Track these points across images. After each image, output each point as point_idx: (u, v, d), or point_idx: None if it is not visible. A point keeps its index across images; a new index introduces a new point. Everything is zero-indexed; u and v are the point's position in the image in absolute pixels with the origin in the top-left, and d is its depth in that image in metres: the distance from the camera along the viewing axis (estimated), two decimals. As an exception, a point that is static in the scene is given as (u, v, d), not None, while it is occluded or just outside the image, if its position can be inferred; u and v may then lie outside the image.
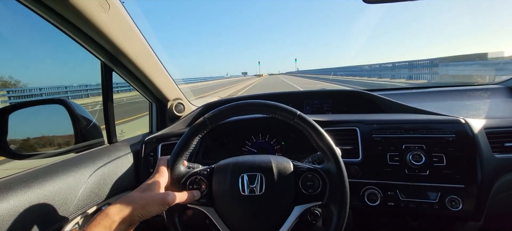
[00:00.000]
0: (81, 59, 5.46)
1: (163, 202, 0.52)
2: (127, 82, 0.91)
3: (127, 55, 0.73)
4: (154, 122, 1.12)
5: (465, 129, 0.80)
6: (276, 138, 1.02)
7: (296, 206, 0.60)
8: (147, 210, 0.50)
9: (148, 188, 0.53)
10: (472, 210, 0.77)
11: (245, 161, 0.64)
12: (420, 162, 0.78)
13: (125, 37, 0.68)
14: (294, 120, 0.60)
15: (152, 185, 0.54)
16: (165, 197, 0.53)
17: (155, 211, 0.51)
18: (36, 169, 0.65)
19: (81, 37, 0.61)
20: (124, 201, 0.49)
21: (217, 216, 0.62)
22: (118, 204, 0.49)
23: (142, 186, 0.54)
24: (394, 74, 14.76)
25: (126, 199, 0.50)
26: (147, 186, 0.53)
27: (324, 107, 1.21)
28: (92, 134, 0.89)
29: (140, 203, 0.50)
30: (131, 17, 0.68)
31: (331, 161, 0.59)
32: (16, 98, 12.22)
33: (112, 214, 0.47)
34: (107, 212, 0.47)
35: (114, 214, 0.47)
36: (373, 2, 0.64)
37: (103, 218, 0.46)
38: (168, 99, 1.09)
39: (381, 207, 0.81)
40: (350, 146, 0.87)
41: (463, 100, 1.22)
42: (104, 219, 0.46)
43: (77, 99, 13.90)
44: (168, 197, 0.53)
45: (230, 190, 0.61)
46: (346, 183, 0.57)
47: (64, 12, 0.51)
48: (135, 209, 0.49)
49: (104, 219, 0.46)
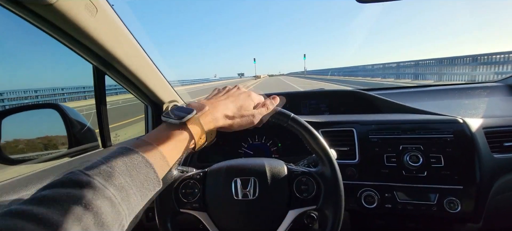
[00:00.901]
0: (76, 60, 5.49)
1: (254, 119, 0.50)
2: (121, 85, 0.90)
3: (119, 58, 0.72)
4: (149, 125, 1.11)
5: (463, 129, 0.79)
6: (272, 139, 1.01)
7: (290, 210, 0.59)
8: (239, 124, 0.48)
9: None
10: (471, 212, 0.76)
11: (238, 164, 0.63)
12: (417, 163, 0.77)
13: (116, 40, 0.67)
14: (288, 123, 0.59)
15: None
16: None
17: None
18: (28, 175, 0.64)
19: (71, 42, 0.60)
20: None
21: (210, 221, 0.61)
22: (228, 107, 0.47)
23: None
24: (399, 74, 14.50)
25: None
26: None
27: (321, 107, 1.20)
28: (86, 137, 0.88)
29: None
30: (121, 19, 0.67)
31: (325, 165, 0.58)
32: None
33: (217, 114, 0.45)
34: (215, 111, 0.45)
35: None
36: (367, 2, 0.63)
37: (210, 112, 0.44)
38: (163, 101, 1.08)
39: (379, 209, 0.80)
40: (346, 147, 0.86)
41: (461, 99, 1.20)
42: (210, 113, 0.44)
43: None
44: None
45: (223, 195, 0.60)
46: (341, 187, 0.56)
47: (50, 17, 0.50)
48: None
49: (210, 113, 0.44)
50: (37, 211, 0.24)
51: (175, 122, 0.40)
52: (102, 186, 0.29)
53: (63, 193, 0.27)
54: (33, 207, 0.25)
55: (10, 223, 0.23)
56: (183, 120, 0.39)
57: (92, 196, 0.27)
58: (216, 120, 0.44)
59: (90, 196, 0.27)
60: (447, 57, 10.84)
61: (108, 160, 0.32)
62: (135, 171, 0.32)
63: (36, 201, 0.26)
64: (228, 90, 0.52)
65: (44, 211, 0.24)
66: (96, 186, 0.28)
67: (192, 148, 0.42)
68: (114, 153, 0.33)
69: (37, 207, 0.25)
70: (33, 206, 0.25)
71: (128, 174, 0.32)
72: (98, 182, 0.29)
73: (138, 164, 0.33)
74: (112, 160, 0.32)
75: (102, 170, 0.30)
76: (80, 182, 0.28)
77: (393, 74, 15.23)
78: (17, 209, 0.24)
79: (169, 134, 0.39)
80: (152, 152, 0.35)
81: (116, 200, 0.29)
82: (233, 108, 0.47)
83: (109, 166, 0.31)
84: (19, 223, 0.23)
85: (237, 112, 0.47)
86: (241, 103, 0.48)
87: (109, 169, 0.31)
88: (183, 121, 0.39)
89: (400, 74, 14.47)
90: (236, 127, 0.48)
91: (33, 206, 0.25)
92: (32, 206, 0.25)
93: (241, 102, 0.49)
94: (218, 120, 0.45)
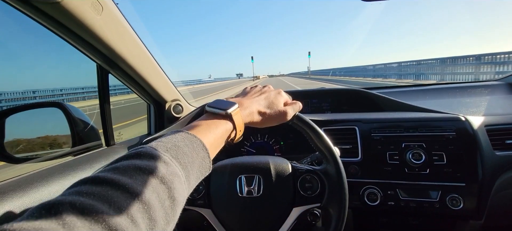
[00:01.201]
0: (78, 61, 5.42)
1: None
2: (124, 84, 0.90)
3: (123, 57, 0.72)
4: (152, 124, 1.12)
5: (465, 126, 0.79)
6: (275, 138, 1.01)
7: (295, 208, 0.60)
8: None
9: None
10: (474, 209, 0.76)
11: (242, 162, 0.64)
12: (420, 161, 0.77)
13: (120, 39, 0.67)
14: (292, 121, 0.59)
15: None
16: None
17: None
18: (32, 173, 0.64)
19: (76, 40, 0.61)
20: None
21: (214, 217, 0.61)
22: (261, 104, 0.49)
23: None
24: (401, 74, 14.37)
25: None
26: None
27: (323, 106, 1.20)
28: (89, 136, 0.88)
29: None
30: (125, 18, 0.67)
31: (330, 163, 0.58)
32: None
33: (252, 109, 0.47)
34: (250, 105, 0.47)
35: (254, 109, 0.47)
36: (371, 0, 0.63)
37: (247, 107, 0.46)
38: (165, 100, 1.08)
39: (381, 207, 0.80)
40: (349, 145, 0.86)
41: (463, 97, 1.21)
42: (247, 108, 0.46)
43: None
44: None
45: (227, 192, 0.61)
46: (345, 185, 0.57)
47: (57, 15, 0.51)
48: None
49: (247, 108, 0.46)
50: (124, 181, 0.25)
51: (221, 112, 0.42)
52: (172, 163, 0.30)
53: (142, 164, 0.28)
54: (119, 177, 0.26)
55: (100, 190, 0.24)
56: (228, 111, 0.41)
57: (165, 170, 0.28)
58: (252, 115, 0.47)
59: (164, 170, 0.28)
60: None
61: (171, 140, 0.33)
62: (195, 153, 0.34)
63: (120, 171, 0.27)
64: (260, 89, 0.54)
65: (129, 181, 0.26)
66: (168, 161, 0.30)
67: (231, 140, 0.44)
68: (173, 135, 0.34)
69: (122, 176, 0.26)
70: (119, 175, 0.26)
71: (190, 155, 0.33)
72: (169, 159, 0.30)
73: (197, 147, 0.34)
74: (175, 141, 0.33)
75: (169, 148, 0.31)
76: (154, 156, 0.29)
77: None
78: (105, 176, 0.25)
79: (217, 123, 0.41)
80: (206, 137, 0.37)
81: (182, 178, 0.30)
82: (266, 104, 0.49)
83: (174, 145, 0.32)
84: (109, 190, 0.24)
85: (269, 109, 0.49)
86: (273, 100, 0.51)
87: (175, 148, 0.32)
88: (229, 112, 0.41)
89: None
90: (268, 122, 0.50)
91: (119, 175, 0.26)
92: (118, 175, 0.26)
93: (273, 99, 0.51)
94: (254, 114, 0.47)
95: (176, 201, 0.28)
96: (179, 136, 0.34)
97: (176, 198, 0.28)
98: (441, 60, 11.42)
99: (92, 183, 0.25)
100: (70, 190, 0.24)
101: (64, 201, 0.21)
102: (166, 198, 0.27)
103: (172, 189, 0.28)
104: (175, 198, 0.28)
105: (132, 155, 0.29)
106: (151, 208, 0.25)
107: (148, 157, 0.29)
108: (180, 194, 0.29)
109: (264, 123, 0.49)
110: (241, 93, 0.54)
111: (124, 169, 0.27)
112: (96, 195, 0.23)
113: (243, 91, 0.54)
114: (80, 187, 0.24)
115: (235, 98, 0.49)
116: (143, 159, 0.29)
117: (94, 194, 0.23)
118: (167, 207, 0.27)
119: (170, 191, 0.28)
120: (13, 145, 0.78)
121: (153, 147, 0.31)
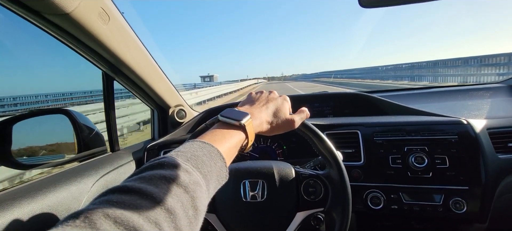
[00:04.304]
0: (89, 66, 5.50)
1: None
2: (129, 90, 0.92)
3: (128, 64, 0.73)
4: (156, 129, 1.13)
5: (467, 130, 0.79)
6: (278, 142, 1.02)
7: (298, 212, 0.60)
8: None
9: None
10: (477, 212, 0.76)
11: (246, 167, 0.64)
12: (422, 164, 0.77)
13: (126, 47, 0.69)
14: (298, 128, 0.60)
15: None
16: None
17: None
18: (39, 180, 0.65)
19: (82, 49, 0.62)
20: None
21: (219, 222, 0.62)
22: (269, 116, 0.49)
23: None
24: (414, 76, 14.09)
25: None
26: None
27: (325, 110, 1.21)
28: (94, 142, 0.89)
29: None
30: (131, 27, 0.69)
31: (333, 167, 0.59)
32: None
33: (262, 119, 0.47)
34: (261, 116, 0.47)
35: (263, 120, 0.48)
36: (370, 6, 0.64)
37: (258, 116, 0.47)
38: (169, 106, 1.09)
39: (385, 210, 0.80)
40: (351, 149, 0.86)
41: (465, 100, 1.21)
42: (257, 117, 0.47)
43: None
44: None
45: (231, 196, 0.61)
46: (348, 190, 0.57)
47: (65, 25, 0.52)
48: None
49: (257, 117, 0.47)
50: (150, 190, 0.26)
51: (235, 122, 0.42)
52: (194, 172, 0.31)
53: (167, 174, 0.28)
54: (146, 186, 0.27)
55: (129, 199, 0.25)
56: (242, 122, 0.42)
57: (188, 179, 0.29)
58: (261, 125, 0.47)
59: (187, 180, 0.29)
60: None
61: (189, 150, 0.34)
62: (214, 162, 0.34)
63: (146, 180, 0.27)
64: (267, 96, 0.53)
65: (155, 190, 0.26)
66: (190, 171, 0.30)
67: (242, 149, 0.45)
68: (191, 144, 0.35)
69: (148, 185, 0.27)
70: (145, 184, 0.27)
71: (208, 164, 0.33)
72: (191, 168, 0.31)
73: (215, 157, 0.35)
74: (193, 150, 0.34)
75: (189, 157, 0.32)
76: (177, 165, 0.30)
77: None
78: (133, 186, 0.26)
79: (232, 133, 0.41)
80: (222, 146, 0.37)
81: (204, 186, 0.31)
82: (274, 114, 0.50)
83: (193, 155, 0.33)
84: (137, 199, 0.25)
85: (277, 118, 0.50)
86: (280, 108, 0.51)
87: (194, 157, 0.33)
88: (243, 123, 0.42)
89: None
90: (275, 131, 0.50)
91: (145, 184, 0.27)
92: (145, 184, 0.27)
93: (280, 107, 0.51)
94: (263, 124, 0.47)
95: (198, 210, 0.29)
96: (196, 146, 0.35)
97: (198, 207, 0.29)
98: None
99: (121, 192, 0.25)
100: (101, 199, 0.25)
101: (97, 210, 0.22)
102: (190, 207, 0.28)
103: (195, 198, 0.29)
104: (197, 207, 0.29)
105: (156, 165, 0.30)
106: (177, 217, 0.26)
107: (171, 167, 0.30)
108: (202, 203, 0.30)
109: (272, 131, 0.50)
110: (246, 100, 0.54)
111: (150, 178, 0.28)
112: (126, 204, 0.24)
113: (248, 98, 0.54)
114: (110, 196, 0.25)
115: (244, 107, 0.49)
116: (167, 168, 0.29)
117: (124, 203, 0.24)
118: (191, 216, 0.28)
119: (193, 200, 0.28)
120: (21, 152, 0.79)
121: (174, 157, 0.31)
